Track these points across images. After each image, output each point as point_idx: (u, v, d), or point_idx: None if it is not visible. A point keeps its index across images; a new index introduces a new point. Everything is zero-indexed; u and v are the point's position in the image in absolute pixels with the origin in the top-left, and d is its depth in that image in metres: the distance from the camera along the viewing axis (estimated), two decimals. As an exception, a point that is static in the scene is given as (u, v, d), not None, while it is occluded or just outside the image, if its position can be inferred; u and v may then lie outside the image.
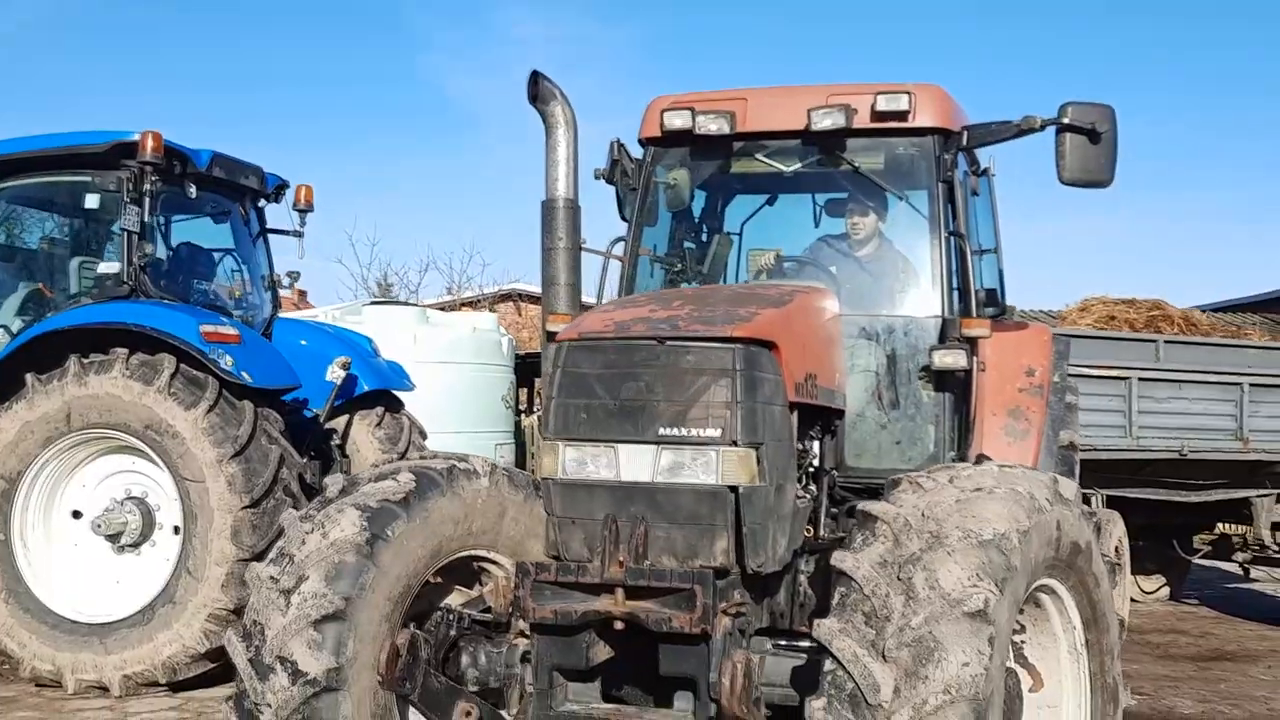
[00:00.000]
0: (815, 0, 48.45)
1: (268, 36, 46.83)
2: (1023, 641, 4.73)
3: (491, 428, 13.42)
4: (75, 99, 43.50)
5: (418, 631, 4.46)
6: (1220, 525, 12.49)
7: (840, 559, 4.04)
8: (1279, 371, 11.39)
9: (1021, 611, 4.61)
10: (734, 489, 4.17)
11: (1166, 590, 13.38)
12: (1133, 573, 12.46)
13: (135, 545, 8.17)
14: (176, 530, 7.95)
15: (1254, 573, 13.06)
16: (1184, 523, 12.29)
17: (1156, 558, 12.76)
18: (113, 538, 8.11)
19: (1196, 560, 13.55)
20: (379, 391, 9.70)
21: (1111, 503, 10.89)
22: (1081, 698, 4.78)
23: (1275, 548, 11.76)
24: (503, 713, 4.58)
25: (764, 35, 48.00)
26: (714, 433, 4.17)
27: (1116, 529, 10.44)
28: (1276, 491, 11.72)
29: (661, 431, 4.20)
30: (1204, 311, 17.85)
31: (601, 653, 4.28)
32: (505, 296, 28.54)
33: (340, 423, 9.49)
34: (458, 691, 4.56)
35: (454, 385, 12.79)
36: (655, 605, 4.04)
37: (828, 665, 3.82)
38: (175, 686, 7.88)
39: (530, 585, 4.15)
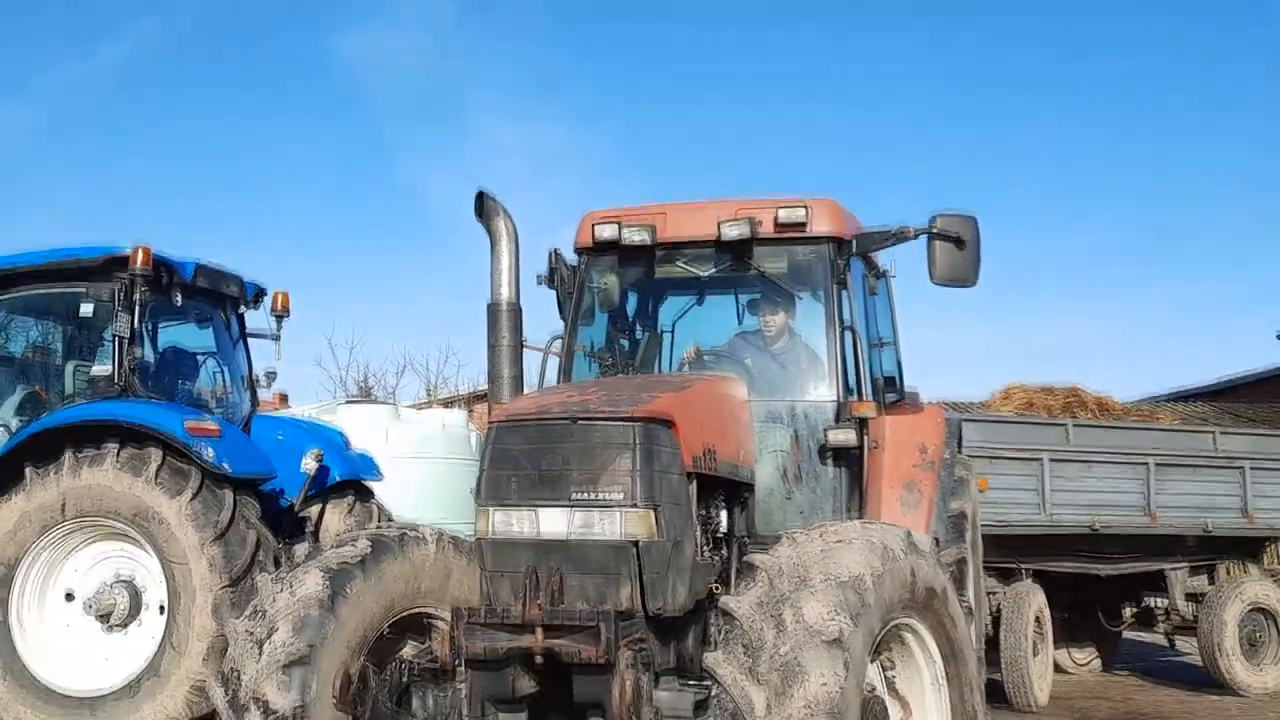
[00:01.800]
0: (791, 90, 50.00)
1: (248, 144, 48.22)
2: (894, 676, 5.49)
3: (460, 518, 13.91)
4: (71, 207, 44.71)
5: (367, 664, 5.22)
6: (1145, 598, 13.25)
7: (725, 601, 4.87)
8: (1184, 452, 12.26)
9: (890, 649, 5.41)
10: (635, 543, 4.95)
11: (1098, 661, 14.06)
12: (1065, 644, 13.22)
13: (124, 624, 8.75)
14: (162, 609, 8.56)
15: (1183, 644, 13.77)
16: (1109, 596, 13.03)
17: (1087, 630, 13.49)
18: (103, 617, 8.71)
19: (1132, 634, 14.27)
20: (350, 481, 10.33)
21: (1037, 576, 11.66)
22: (945, 723, 5.52)
23: (1191, 617, 12.51)
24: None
25: (737, 125, 49.64)
26: (618, 496, 4.96)
27: (1036, 599, 11.20)
28: (1188, 564, 12.52)
29: (574, 495, 4.99)
30: (1157, 401, 18.68)
31: (526, 685, 5.04)
32: (480, 397, 29.25)
33: (314, 510, 10.13)
34: (402, 716, 5.29)
35: (425, 478, 13.45)
36: (568, 641, 4.80)
37: (715, 689, 4.62)
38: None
39: (464, 626, 4.91)
